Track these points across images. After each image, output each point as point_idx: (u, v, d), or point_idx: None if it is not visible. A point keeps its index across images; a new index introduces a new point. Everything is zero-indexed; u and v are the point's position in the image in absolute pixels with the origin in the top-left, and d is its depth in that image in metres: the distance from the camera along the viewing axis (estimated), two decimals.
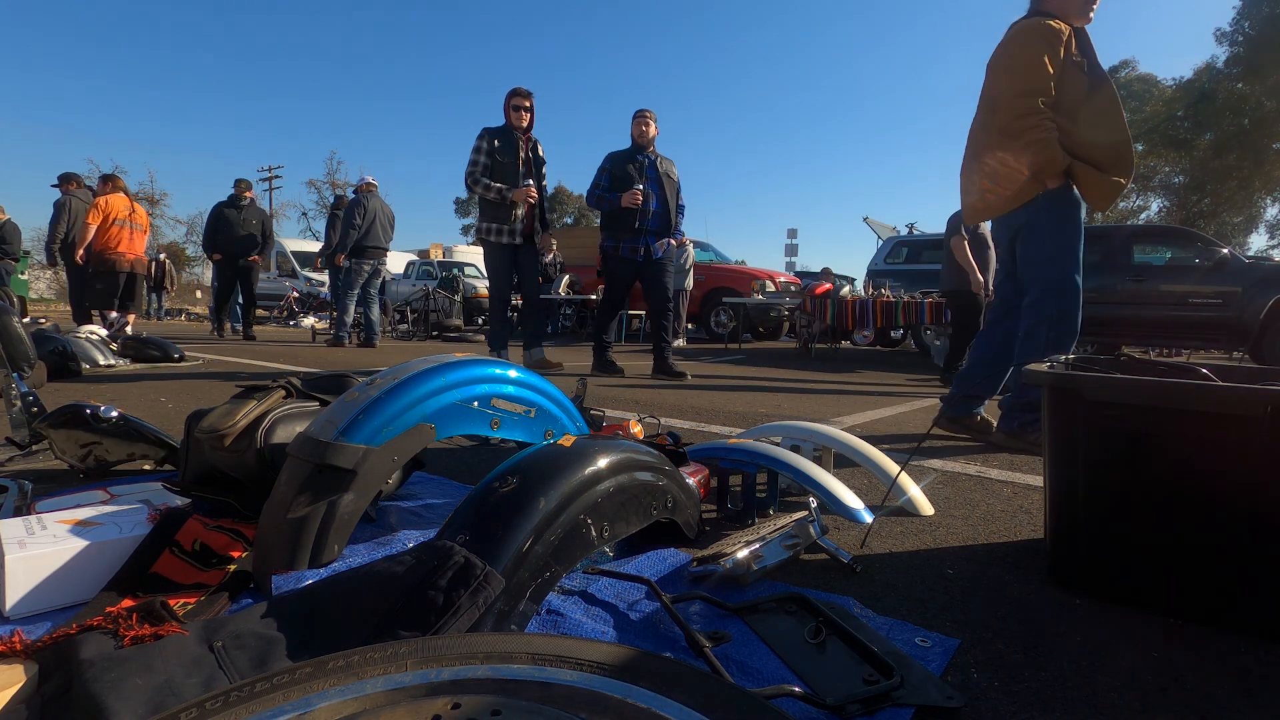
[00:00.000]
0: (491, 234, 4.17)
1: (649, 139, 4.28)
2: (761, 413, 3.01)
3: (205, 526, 1.06)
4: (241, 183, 7.42)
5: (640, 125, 4.27)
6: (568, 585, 1.00)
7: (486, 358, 1.24)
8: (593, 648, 0.60)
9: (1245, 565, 0.96)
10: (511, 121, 4.17)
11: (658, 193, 4.24)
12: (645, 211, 4.19)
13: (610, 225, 4.28)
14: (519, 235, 4.18)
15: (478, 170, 4.11)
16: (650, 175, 4.25)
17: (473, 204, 45.65)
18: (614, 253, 4.31)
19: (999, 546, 1.32)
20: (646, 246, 4.27)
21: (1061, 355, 1.39)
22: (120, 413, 1.56)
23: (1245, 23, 22.76)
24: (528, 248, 4.30)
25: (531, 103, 4.21)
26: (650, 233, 4.27)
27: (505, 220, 4.14)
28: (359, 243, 6.62)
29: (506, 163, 4.12)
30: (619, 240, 4.27)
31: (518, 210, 4.12)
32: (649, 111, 4.32)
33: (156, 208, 31.00)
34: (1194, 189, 25.13)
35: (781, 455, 1.44)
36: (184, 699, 0.62)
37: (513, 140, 4.14)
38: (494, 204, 4.13)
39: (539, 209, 4.29)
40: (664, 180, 4.29)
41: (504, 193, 4.06)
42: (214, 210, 7.34)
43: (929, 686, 0.77)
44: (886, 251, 8.69)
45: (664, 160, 4.35)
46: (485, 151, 4.11)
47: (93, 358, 4.06)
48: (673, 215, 4.34)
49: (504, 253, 4.22)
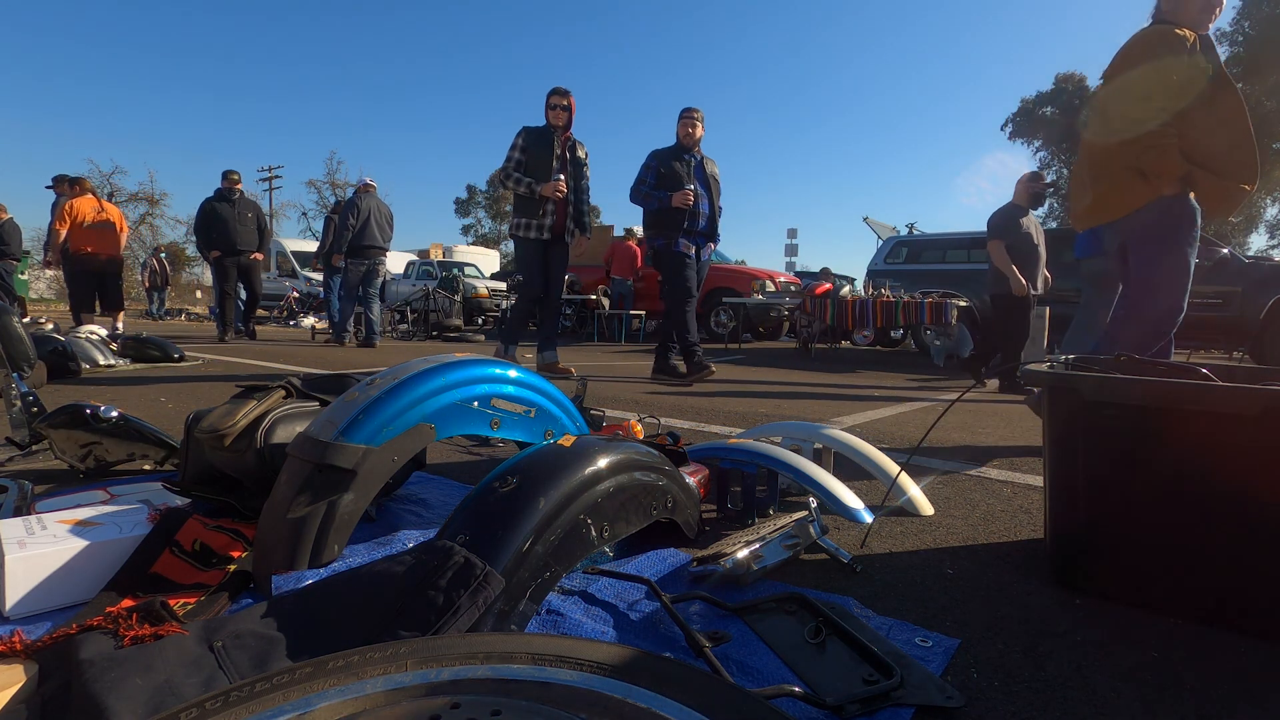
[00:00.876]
0: (521, 229, 4.14)
1: (695, 140, 4.17)
2: (761, 413, 3.01)
3: (205, 526, 1.06)
4: (231, 174, 6.88)
5: (687, 126, 4.16)
6: (568, 585, 1.00)
7: (486, 358, 1.24)
8: (593, 648, 0.60)
9: (1245, 565, 0.96)
10: (549, 120, 4.13)
11: (706, 194, 4.16)
12: (695, 213, 4.10)
13: (659, 224, 4.15)
14: (548, 231, 4.12)
15: (510, 165, 4.10)
16: (698, 176, 4.15)
17: (474, 204, 45.79)
18: (668, 249, 4.15)
19: (999, 546, 1.32)
20: (696, 247, 4.18)
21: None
22: (120, 413, 1.56)
23: (1245, 23, 22.77)
24: (558, 246, 4.23)
25: (570, 101, 4.15)
26: (699, 234, 4.18)
27: (535, 215, 4.09)
28: (355, 243, 6.60)
29: (541, 159, 4.07)
30: (671, 238, 4.13)
31: (547, 205, 4.07)
32: (696, 111, 4.20)
33: (156, 208, 30.96)
34: None
35: (781, 455, 1.44)
36: (184, 699, 0.62)
37: (547, 138, 4.10)
38: (525, 199, 4.10)
39: (574, 209, 4.23)
40: (710, 182, 4.20)
41: (533, 187, 4.03)
42: (204, 206, 6.79)
43: (929, 686, 0.77)
44: (886, 251, 8.68)
45: (710, 161, 4.26)
46: (520, 148, 4.10)
47: (93, 358, 4.06)
48: (717, 219, 4.26)
49: (534, 248, 4.16)
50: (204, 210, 6.82)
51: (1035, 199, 4.73)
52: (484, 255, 20.24)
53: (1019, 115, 30.46)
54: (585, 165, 4.29)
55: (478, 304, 12.21)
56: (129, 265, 24.50)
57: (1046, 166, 30.94)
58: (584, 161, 4.28)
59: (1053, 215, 30.67)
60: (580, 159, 4.25)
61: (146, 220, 30.70)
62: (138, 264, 22.91)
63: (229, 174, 6.90)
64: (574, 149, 4.21)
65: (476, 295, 12.21)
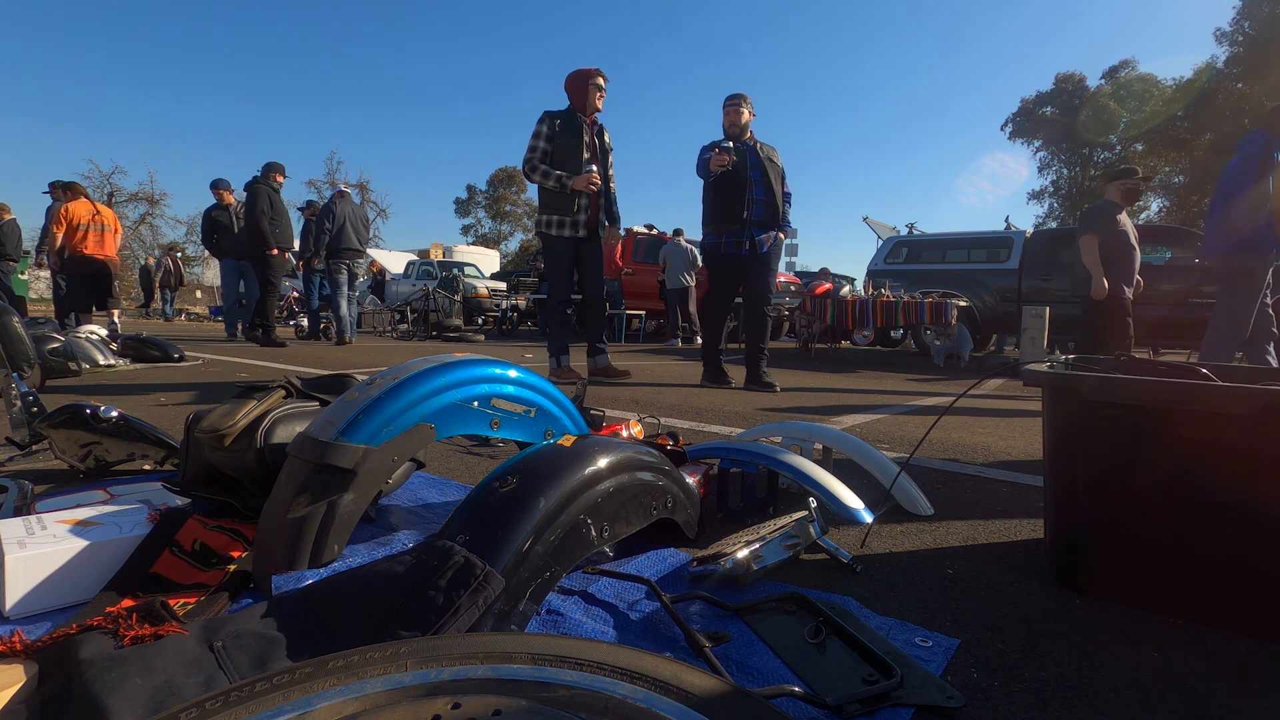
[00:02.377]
0: (552, 226, 3.79)
1: (740, 126, 3.86)
2: (761, 413, 3.01)
3: (205, 526, 1.06)
4: (219, 188, 7.37)
5: (731, 115, 3.87)
6: (568, 585, 1.00)
7: (486, 358, 1.24)
8: (593, 648, 0.60)
9: (1245, 565, 0.96)
10: (583, 102, 3.77)
11: (760, 179, 3.81)
12: (750, 201, 3.78)
13: (711, 219, 3.91)
14: (582, 228, 3.78)
15: (536, 156, 3.73)
16: (752, 162, 3.81)
17: (474, 204, 45.78)
18: (716, 249, 3.92)
19: (999, 546, 1.32)
20: (751, 239, 3.84)
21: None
22: (120, 413, 1.56)
23: (1245, 23, 22.79)
24: (591, 242, 3.88)
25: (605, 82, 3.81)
26: (755, 224, 3.83)
27: (567, 211, 3.74)
28: (333, 245, 6.85)
29: (569, 147, 3.72)
30: (720, 235, 3.88)
31: (581, 200, 3.73)
32: (740, 96, 3.88)
33: (156, 208, 30.89)
34: (1194, 189, 25.12)
35: (781, 455, 1.44)
36: (184, 699, 0.62)
37: (576, 123, 3.74)
38: (554, 194, 3.75)
39: (605, 199, 3.91)
40: (766, 166, 3.83)
41: (564, 181, 3.67)
42: (205, 214, 7.41)
43: (929, 686, 0.77)
44: (886, 251, 8.68)
45: (765, 146, 3.91)
46: (545, 136, 3.73)
47: (93, 358, 4.06)
48: (779, 205, 3.88)
49: (565, 247, 3.82)
50: (206, 218, 7.34)
51: (1129, 195, 4.27)
52: (484, 255, 20.27)
53: (1019, 115, 30.49)
54: (611, 152, 3.96)
55: (477, 304, 12.22)
56: (129, 265, 24.52)
57: (1046, 166, 30.98)
58: (611, 148, 3.95)
59: (1052, 215, 30.68)
60: (608, 146, 3.92)
61: (146, 220, 30.66)
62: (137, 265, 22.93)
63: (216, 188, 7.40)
64: (602, 135, 3.88)
65: (476, 295, 12.22)
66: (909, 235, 9.02)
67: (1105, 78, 28.12)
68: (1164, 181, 26.92)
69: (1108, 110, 26.83)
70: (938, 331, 6.62)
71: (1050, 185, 30.99)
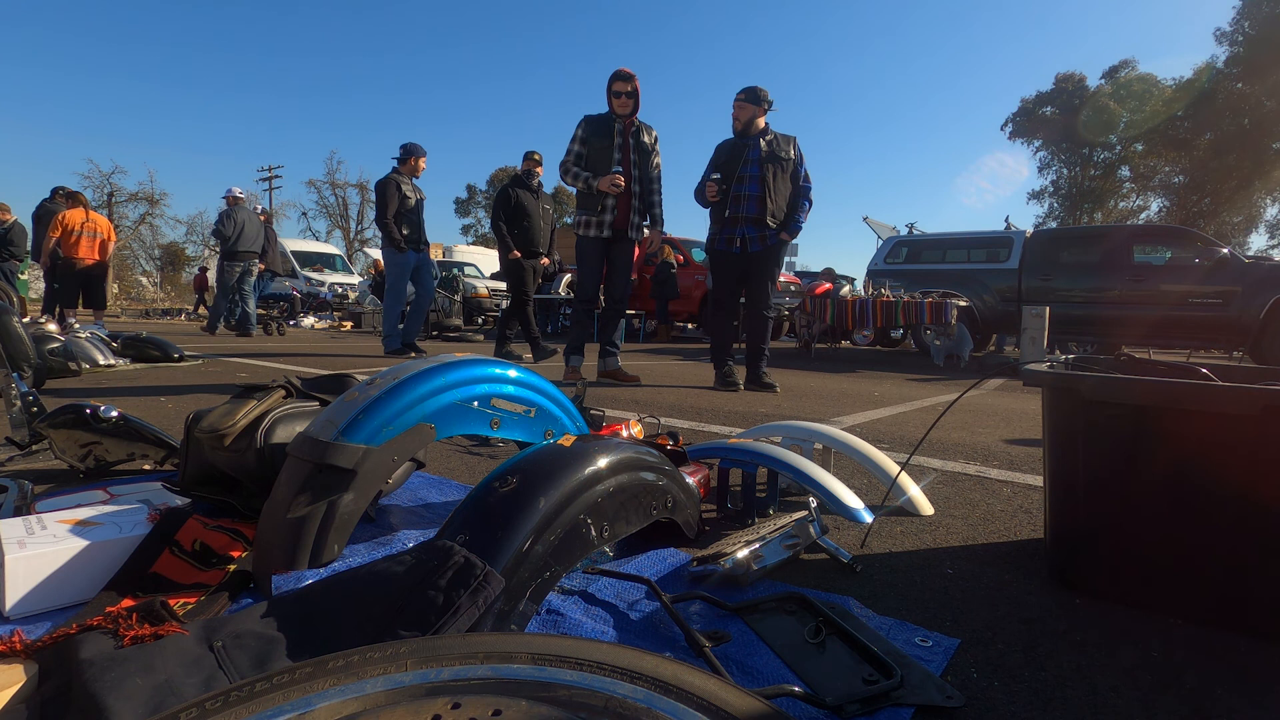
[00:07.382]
0: (581, 226, 3.89)
1: (744, 122, 3.85)
2: (761, 412, 3.01)
3: (205, 526, 1.06)
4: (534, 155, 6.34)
5: (734, 111, 3.88)
6: (568, 585, 1.00)
7: (486, 357, 1.24)
8: (593, 648, 0.60)
9: (1245, 565, 0.96)
10: (612, 108, 3.85)
11: (757, 175, 3.78)
12: (738, 196, 3.79)
13: (710, 216, 3.97)
14: (609, 229, 3.84)
15: (569, 159, 3.87)
16: (752, 157, 3.80)
17: (474, 204, 45.79)
18: (711, 246, 3.98)
19: (999, 546, 1.32)
20: (743, 237, 3.84)
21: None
22: (120, 413, 1.56)
23: (1245, 23, 22.79)
24: (620, 242, 3.93)
25: (634, 86, 3.82)
26: (746, 221, 3.81)
27: (594, 211, 3.83)
28: (231, 248, 7.83)
29: (600, 149, 3.82)
30: (714, 231, 3.93)
31: (607, 200, 3.80)
32: (743, 91, 3.87)
33: (156, 207, 30.87)
34: (1194, 189, 25.16)
35: (781, 455, 1.44)
36: (184, 699, 0.62)
37: (607, 126, 3.83)
38: (584, 194, 3.87)
39: (642, 200, 3.93)
40: (765, 162, 3.79)
41: (589, 181, 3.78)
42: (503, 192, 6.58)
43: (929, 686, 0.77)
44: (886, 251, 8.68)
45: (777, 140, 3.86)
46: (579, 139, 3.86)
47: (93, 358, 4.06)
48: (780, 203, 3.83)
49: (594, 246, 3.89)
50: (503, 196, 5.90)
51: None
52: (484, 255, 20.23)
53: (1019, 115, 30.45)
54: (655, 152, 3.96)
55: (477, 304, 12.22)
56: (129, 266, 24.51)
57: (1046, 166, 30.97)
58: (651, 148, 3.94)
59: (1052, 215, 30.67)
60: (646, 145, 3.91)
61: (146, 220, 30.65)
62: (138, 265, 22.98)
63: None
64: (639, 135, 3.89)
65: (476, 295, 12.21)
66: (909, 235, 9.02)
67: (1105, 78, 28.11)
68: (1164, 181, 26.94)
69: (1108, 110, 26.81)
70: (938, 331, 6.62)
71: (1050, 185, 30.97)
